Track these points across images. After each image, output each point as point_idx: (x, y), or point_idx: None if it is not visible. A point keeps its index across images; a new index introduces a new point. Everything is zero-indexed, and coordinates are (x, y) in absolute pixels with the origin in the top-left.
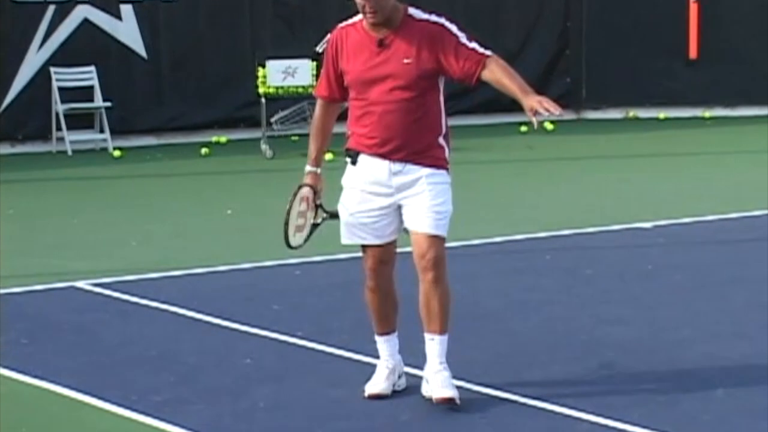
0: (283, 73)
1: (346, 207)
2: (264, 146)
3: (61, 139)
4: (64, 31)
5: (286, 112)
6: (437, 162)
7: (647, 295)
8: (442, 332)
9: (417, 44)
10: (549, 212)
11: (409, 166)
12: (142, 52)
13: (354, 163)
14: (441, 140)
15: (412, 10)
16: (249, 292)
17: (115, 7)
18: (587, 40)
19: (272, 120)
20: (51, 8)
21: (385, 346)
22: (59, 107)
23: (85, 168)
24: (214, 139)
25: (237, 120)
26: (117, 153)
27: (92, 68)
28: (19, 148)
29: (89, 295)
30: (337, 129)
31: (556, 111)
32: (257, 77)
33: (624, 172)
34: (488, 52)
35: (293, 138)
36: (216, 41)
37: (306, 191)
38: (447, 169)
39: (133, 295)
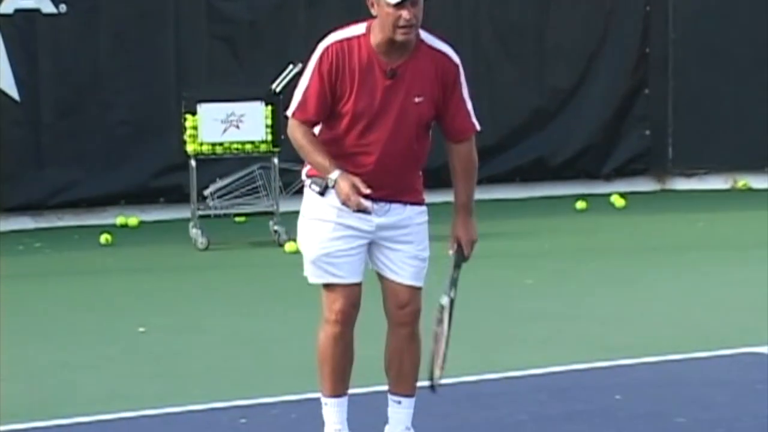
0: (223, 123)
1: (315, 241)
2: (194, 231)
3: None
4: None
5: (226, 181)
6: (419, 197)
7: None
8: (412, 394)
9: (430, 80)
10: (620, 330)
11: (394, 205)
12: (12, 92)
13: (323, 194)
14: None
15: (423, 34)
16: None
17: None
18: (675, 73)
19: (206, 192)
20: None
21: (337, 411)
22: None
23: None
24: (119, 220)
25: (154, 192)
26: None
27: None
28: None
29: None
30: None
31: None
32: (185, 129)
33: (730, 269)
34: (477, 126)
35: (237, 219)
36: (124, 75)
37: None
38: (424, 202)
39: None
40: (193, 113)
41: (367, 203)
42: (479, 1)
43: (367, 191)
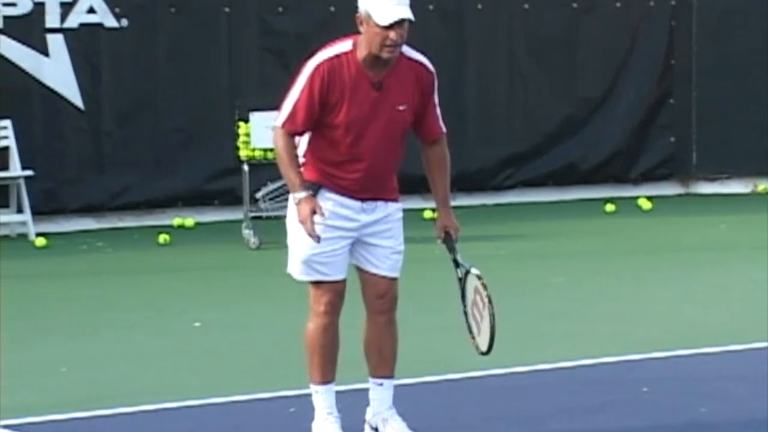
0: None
1: (305, 243)
2: (247, 232)
3: None
4: None
5: (277, 185)
6: (396, 194)
7: None
8: (392, 375)
9: (411, 89)
10: (646, 325)
11: (379, 203)
12: (77, 101)
13: (314, 195)
14: None
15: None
16: None
17: (39, 38)
18: (699, 84)
19: (258, 195)
20: None
21: (327, 397)
22: None
23: None
24: (176, 221)
25: (209, 195)
26: (41, 241)
27: (8, 123)
28: None
29: None
30: None
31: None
32: (237, 136)
33: (750, 269)
34: (444, 128)
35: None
36: (180, 85)
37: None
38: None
39: None
40: (246, 121)
41: (317, 233)
42: (514, 17)
43: (322, 219)
